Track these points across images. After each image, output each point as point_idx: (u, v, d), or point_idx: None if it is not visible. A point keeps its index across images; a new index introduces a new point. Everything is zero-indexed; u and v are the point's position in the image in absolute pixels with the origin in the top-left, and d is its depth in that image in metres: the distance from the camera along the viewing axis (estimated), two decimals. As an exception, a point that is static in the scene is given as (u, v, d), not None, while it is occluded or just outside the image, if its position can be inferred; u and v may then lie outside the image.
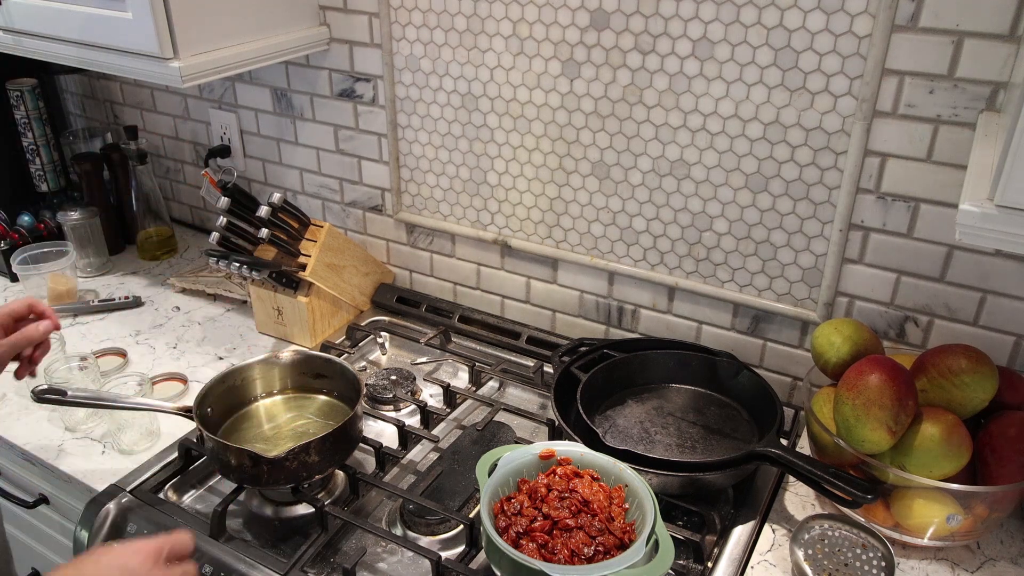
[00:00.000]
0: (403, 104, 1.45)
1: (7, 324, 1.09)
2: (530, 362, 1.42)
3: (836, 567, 0.97)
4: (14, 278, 1.65)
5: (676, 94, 1.19)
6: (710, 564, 1.02)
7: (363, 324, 1.53)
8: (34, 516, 1.37)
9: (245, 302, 1.61)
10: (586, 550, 0.87)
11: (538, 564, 0.82)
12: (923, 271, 1.14)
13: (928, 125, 1.05)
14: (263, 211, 1.35)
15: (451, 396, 1.32)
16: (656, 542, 0.86)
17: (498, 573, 0.87)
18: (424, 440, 1.23)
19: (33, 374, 1.14)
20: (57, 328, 1.12)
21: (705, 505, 1.07)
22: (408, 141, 1.47)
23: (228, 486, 1.14)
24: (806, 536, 1.01)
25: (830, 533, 1.01)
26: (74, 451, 1.22)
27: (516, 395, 1.39)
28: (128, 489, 1.12)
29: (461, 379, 1.41)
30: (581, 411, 1.13)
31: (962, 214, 0.75)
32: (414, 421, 1.27)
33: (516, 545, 0.87)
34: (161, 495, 1.13)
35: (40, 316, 1.12)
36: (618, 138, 1.26)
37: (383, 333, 1.51)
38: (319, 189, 1.65)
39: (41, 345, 1.12)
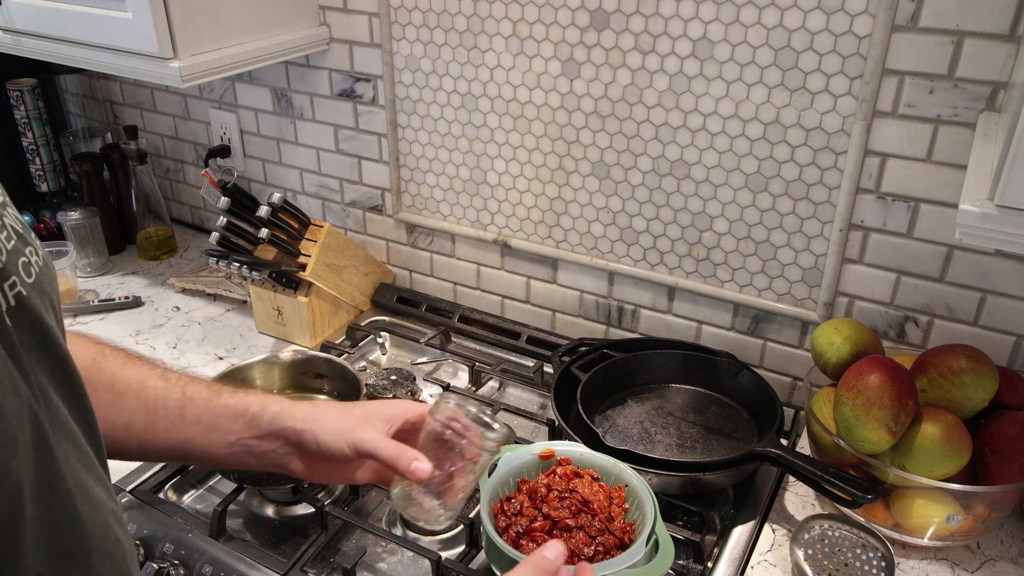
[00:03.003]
0: (403, 104, 1.45)
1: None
2: (530, 362, 1.42)
3: (836, 567, 0.97)
4: (14, 278, 1.64)
5: (676, 94, 1.19)
6: (710, 564, 1.02)
7: (363, 324, 1.53)
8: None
9: (245, 302, 1.61)
10: (586, 550, 0.86)
11: (538, 564, 0.82)
12: (923, 271, 1.14)
13: (928, 125, 1.05)
14: (263, 211, 1.35)
15: (451, 396, 1.32)
16: (656, 542, 0.86)
17: (498, 573, 0.87)
18: (424, 440, 1.23)
19: None
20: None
21: (705, 505, 1.07)
22: (408, 141, 1.47)
23: (228, 486, 1.13)
24: (806, 536, 1.01)
25: (830, 533, 1.01)
26: (74, 451, 1.22)
27: (516, 395, 1.39)
28: (128, 489, 1.12)
29: (461, 379, 1.41)
30: (581, 411, 1.13)
31: (962, 214, 0.75)
32: (414, 421, 1.27)
33: (516, 545, 0.87)
34: (161, 495, 1.12)
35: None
36: (618, 138, 1.26)
37: (383, 333, 1.51)
38: (319, 189, 1.65)
39: None
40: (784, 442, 1.18)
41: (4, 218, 0.51)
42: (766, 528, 1.08)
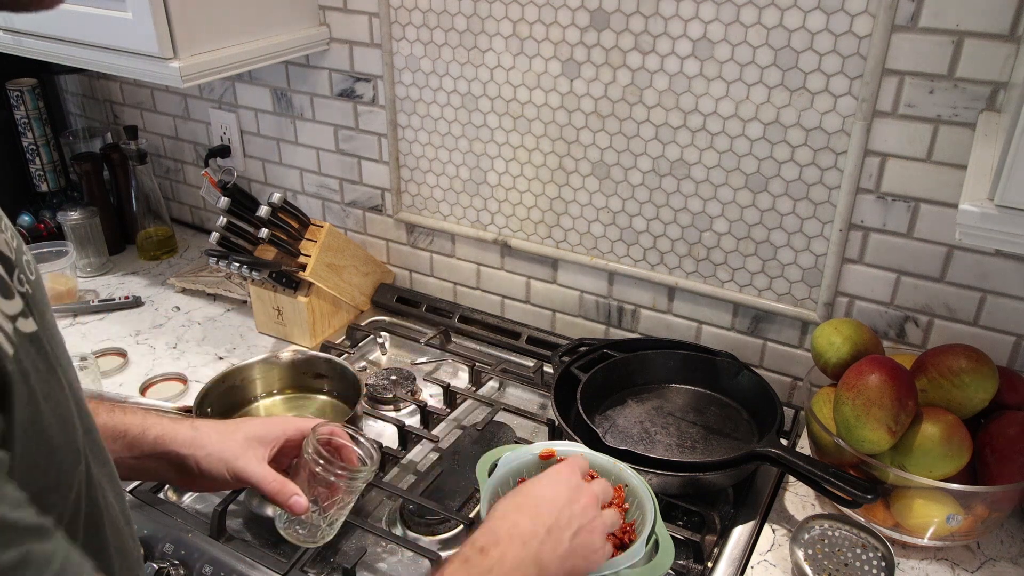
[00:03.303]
0: (403, 104, 1.45)
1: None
2: (530, 362, 1.42)
3: (836, 567, 0.97)
4: (14, 278, 1.64)
5: (676, 94, 1.19)
6: (710, 564, 1.02)
7: (363, 324, 1.53)
8: (34, 516, 1.37)
9: (245, 302, 1.61)
10: (586, 550, 0.86)
11: (538, 564, 0.82)
12: (923, 271, 1.14)
13: (928, 125, 1.05)
14: (263, 211, 1.35)
15: (451, 396, 1.32)
16: (656, 542, 0.86)
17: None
18: (424, 440, 1.23)
19: None
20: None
21: (705, 505, 1.07)
22: (408, 141, 1.47)
23: (228, 486, 1.13)
24: (806, 536, 1.01)
25: (830, 533, 1.01)
26: (74, 451, 1.22)
27: (516, 395, 1.39)
28: (128, 489, 1.12)
29: (461, 379, 1.41)
30: (581, 411, 1.13)
31: (962, 214, 0.75)
32: (414, 421, 1.27)
33: (516, 545, 0.87)
34: (161, 495, 1.12)
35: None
36: (618, 138, 1.26)
37: (383, 333, 1.51)
38: (319, 189, 1.65)
39: None
40: (784, 442, 1.18)
41: (2, 219, 0.52)
42: (766, 528, 1.08)
